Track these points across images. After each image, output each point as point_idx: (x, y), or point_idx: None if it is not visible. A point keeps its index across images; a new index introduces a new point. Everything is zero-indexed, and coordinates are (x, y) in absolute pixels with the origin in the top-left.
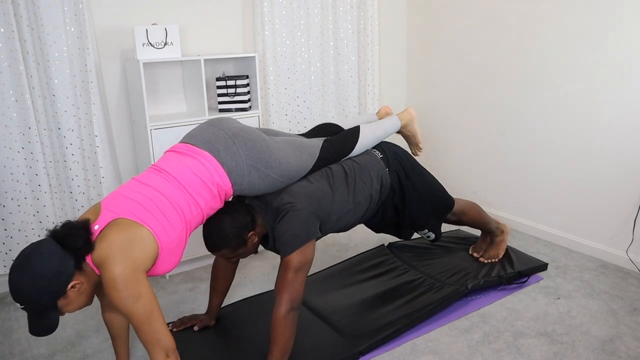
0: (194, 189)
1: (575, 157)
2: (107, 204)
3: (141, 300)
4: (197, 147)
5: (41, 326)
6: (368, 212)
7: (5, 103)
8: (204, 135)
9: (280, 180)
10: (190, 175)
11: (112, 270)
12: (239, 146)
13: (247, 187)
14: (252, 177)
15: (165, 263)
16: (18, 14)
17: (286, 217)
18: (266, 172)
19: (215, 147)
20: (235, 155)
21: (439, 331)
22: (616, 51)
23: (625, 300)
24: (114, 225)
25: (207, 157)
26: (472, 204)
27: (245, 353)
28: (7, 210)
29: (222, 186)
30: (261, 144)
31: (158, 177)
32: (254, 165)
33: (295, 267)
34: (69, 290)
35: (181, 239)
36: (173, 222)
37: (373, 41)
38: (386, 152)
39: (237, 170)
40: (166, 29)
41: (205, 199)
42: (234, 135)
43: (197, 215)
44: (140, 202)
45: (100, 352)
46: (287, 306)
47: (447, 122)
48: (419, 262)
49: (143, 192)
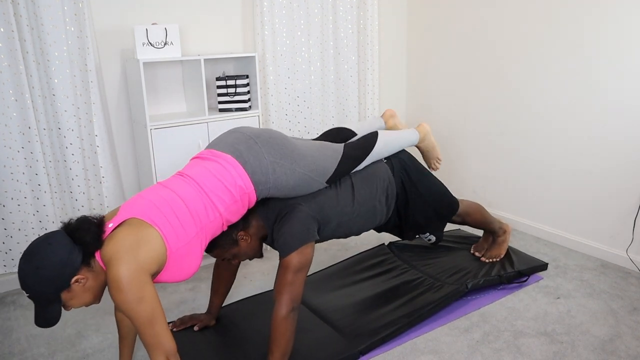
0: (214, 192)
1: (575, 156)
2: (126, 204)
3: (144, 302)
4: (220, 151)
5: (43, 317)
6: (374, 223)
7: (5, 102)
8: (226, 140)
9: (309, 175)
10: (210, 178)
11: (117, 270)
12: (261, 145)
13: (273, 186)
14: (277, 174)
15: (176, 269)
16: (18, 13)
17: (285, 218)
18: (292, 167)
19: (237, 148)
20: (257, 153)
21: (439, 331)
22: (616, 51)
23: (625, 299)
24: (125, 224)
25: (229, 159)
26: (476, 204)
27: (246, 353)
28: (7, 210)
29: (244, 189)
30: (283, 140)
31: (179, 180)
32: (277, 161)
33: (294, 267)
34: (73, 284)
35: (194, 246)
36: (186, 226)
37: (373, 41)
38: (391, 157)
39: (260, 169)
40: (166, 29)
41: (225, 203)
42: (256, 135)
43: (215, 220)
44: (155, 202)
45: (100, 352)
46: (288, 307)
47: (447, 121)
48: (419, 262)
49: (160, 193)
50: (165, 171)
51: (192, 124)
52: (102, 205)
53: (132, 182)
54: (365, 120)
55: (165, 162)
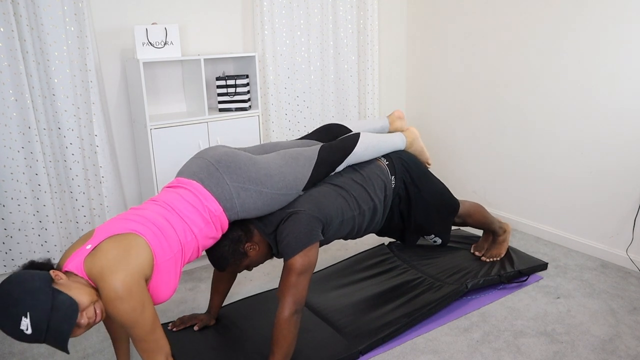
0: (187, 215)
1: (575, 156)
2: (101, 227)
3: (148, 308)
4: (185, 178)
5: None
6: (374, 223)
7: (5, 102)
8: (190, 168)
9: (278, 193)
10: (182, 202)
11: (113, 280)
12: (222, 171)
13: (240, 210)
14: (242, 199)
15: (159, 286)
16: (18, 13)
17: (288, 221)
18: (258, 190)
19: (200, 177)
20: (219, 180)
21: (438, 330)
22: (616, 51)
23: (625, 299)
24: (107, 240)
25: (195, 185)
26: (477, 205)
27: (245, 352)
28: (7, 210)
29: (213, 212)
30: (246, 162)
31: (154, 206)
32: (241, 186)
33: (298, 270)
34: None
35: (177, 262)
36: (170, 240)
37: (373, 41)
38: (392, 158)
39: (224, 195)
40: (166, 29)
41: (198, 225)
42: (217, 161)
43: (192, 241)
44: (135, 220)
45: (100, 352)
46: (291, 309)
47: (447, 121)
48: (419, 262)
49: (139, 213)
50: (165, 171)
51: (192, 124)
52: (102, 205)
53: (132, 182)
54: (368, 119)
55: (165, 162)
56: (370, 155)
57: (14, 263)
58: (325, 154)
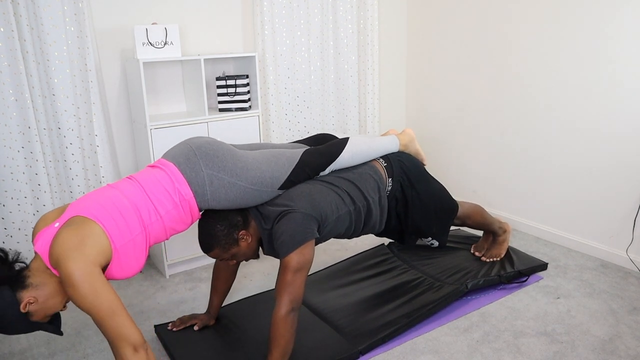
0: (156, 195)
1: (575, 156)
2: (73, 204)
3: (101, 295)
4: (165, 159)
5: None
6: (371, 223)
7: (5, 102)
8: (173, 151)
9: (252, 188)
10: (155, 183)
11: (67, 268)
12: (200, 157)
13: (211, 198)
14: (214, 187)
15: (123, 266)
16: (18, 13)
17: (284, 219)
18: (232, 181)
19: (178, 160)
20: (194, 165)
21: (438, 330)
22: (616, 51)
23: (625, 299)
24: (67, 224)
25: (171, 167)
26: (476, 206)
27: (245, 352)
28: (7, 210)
29: (184, 196)
30: (225, 153)
31: (126, 182)
32: (215, 174)
33: (294, 267)
34: (26, 310)
35: (139, 243)
36: (130, 224)
37: (373, 41)
38: (391, 160)
39: (197, 181)
40: (166, 29)
41: (165, 207)
42: (197, 148)
43: (157, 222)
44: (99, 201)
45: (100, 352)
46: (288, 307)
47: (447, 121)
48: (419, 262)
49: (107, 193)
50: None
51: (192, 124)
52: None
53: None
54: (373, 139)
55: None
56: (358, 161)
57: None
58: (308, 157)
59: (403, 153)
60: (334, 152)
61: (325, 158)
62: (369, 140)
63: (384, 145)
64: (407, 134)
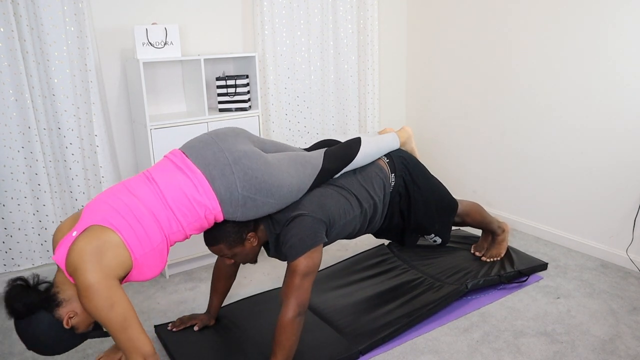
0: (179, 208)
1: (575, 156)
2: (88, 209)
3: (115, 307)
4: (193, 163)
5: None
6: (375, 222)
7: (5, 102)
8: (203, 152)
9: (282, 202)
10: (178, 193)
11: (84, 279)
12: (237, 176)
13: (240, 215)
14: (247, 207)
15: (143, 272)
16: (18, 13)
17: (293, 223)
18: (265, 201)
19: (211, 173)
20: (230, 185)
21: (438, 330)
22: (616, 52)
23: (625, 299)
24: (85, 232)
25: (200, 178)
26: (475, 204)
27: (245, 352)
28: (7, 210)
29: (210, 210)
30: (262, 169)
31: (145, 188)
32: (251, 196)
33: (302, 271)
34: (69, 326)
35: (160, 251)
36: (150, 234)
37: (373, 41)
38: (393, 156)
39: (230, 201)
40: (166, 29)
41: (188, 220)
42: (235, 161)
43: (178, 232)
44: (119, 210)
45: (100, 352)
46: (295, 311)
47: (447, 121)
48: (419, 262)
49: (125, 200)
50: None
51: (192, 124)
52: None
53: None
54: (379, 138)
55: None
56: (367, 162)
57: (14, 262)
58: (328, 163)
59: (403, 150)
60: (350, 155)
61: (342, 162)
62: (376, 139)
63: (388, 144)
64: (406, 131)
